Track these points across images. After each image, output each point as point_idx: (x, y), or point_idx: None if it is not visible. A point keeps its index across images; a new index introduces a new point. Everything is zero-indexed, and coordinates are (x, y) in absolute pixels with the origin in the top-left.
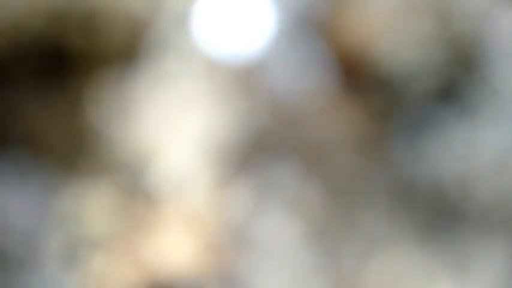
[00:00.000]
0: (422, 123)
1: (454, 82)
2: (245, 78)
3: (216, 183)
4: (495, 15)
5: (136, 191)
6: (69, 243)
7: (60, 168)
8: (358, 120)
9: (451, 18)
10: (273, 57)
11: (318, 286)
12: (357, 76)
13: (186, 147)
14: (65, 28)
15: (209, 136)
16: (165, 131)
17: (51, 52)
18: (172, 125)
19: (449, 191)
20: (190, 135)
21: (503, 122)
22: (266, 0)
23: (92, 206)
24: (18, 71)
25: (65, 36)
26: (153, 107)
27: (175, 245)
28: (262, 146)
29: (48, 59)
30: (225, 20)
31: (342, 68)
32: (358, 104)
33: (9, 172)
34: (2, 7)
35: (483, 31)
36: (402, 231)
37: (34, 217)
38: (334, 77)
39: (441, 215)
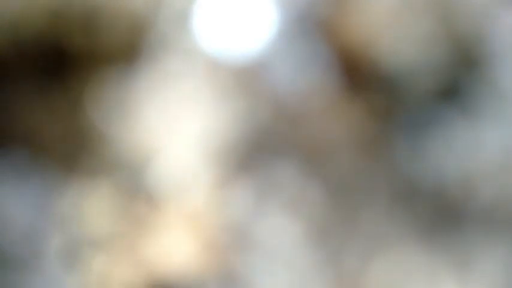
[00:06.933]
0: (423, 123)
1: (455, 81)
2: (245, 78)
3: (217, 183)
4: (497, 14)
5: (137, 191)
6: (69, 243)
7: (60, 168)
8: (359, 120)
9: (453, 17)
10: (273, 57)
11: (319, 286)
12: (358, 75)
13: (186, 147)
14: (65, 27)
15: (209, 136)
16: (166, 131)
17: (52, 52)
18: (172, 125)
19: (451, 190)
20: (190, 135)
21: (506, 122)
22: (266, 0)
23: (92, 206)
24: (18, 71)
25: (66, 35)
26: (154, 106)
27: (175, 244)
28: (262, 146)
29: (49, 59)
30: (225, 19)
31: (342, 67)
32: (359, 103)
33: (9, 172)
34: (2, 7)
35: (485, 30)
36: (404, 231)
37: (34, 217)
38: (335, 76)
39: (443, 215)
